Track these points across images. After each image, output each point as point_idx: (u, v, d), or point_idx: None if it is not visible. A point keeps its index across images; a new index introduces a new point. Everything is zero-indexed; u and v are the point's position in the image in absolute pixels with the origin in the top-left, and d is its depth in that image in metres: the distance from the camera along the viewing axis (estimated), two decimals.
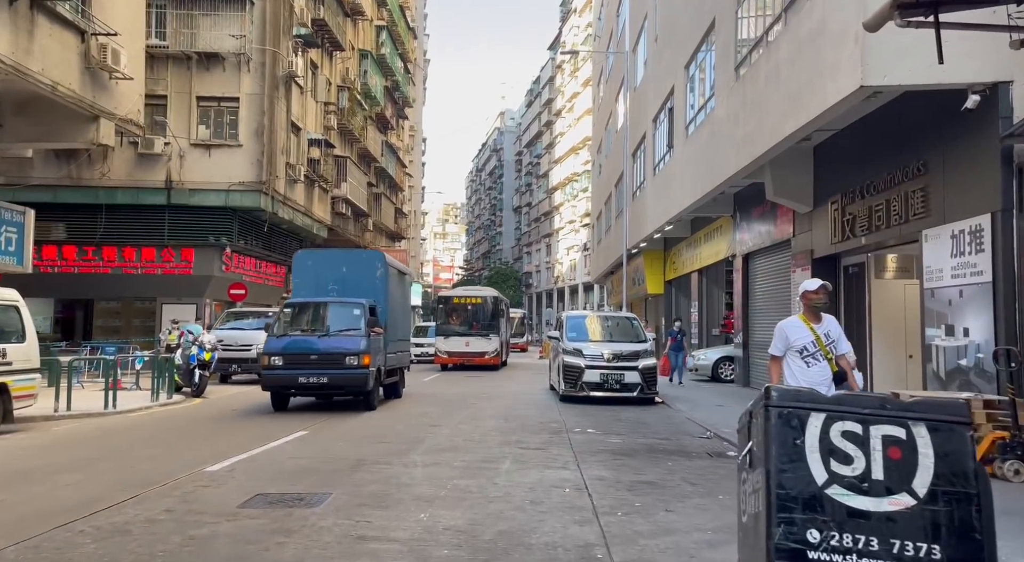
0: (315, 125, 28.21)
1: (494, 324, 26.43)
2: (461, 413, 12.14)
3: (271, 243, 26.94)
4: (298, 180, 25.81)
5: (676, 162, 19.22)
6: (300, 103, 26.54)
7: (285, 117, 24.90)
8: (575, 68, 72.53)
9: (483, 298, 27.54)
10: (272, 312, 19.46)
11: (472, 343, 25.59)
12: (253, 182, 22.75)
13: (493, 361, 25.55)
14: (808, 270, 13.46)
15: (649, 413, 12.84)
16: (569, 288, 71.74)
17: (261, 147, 22.94)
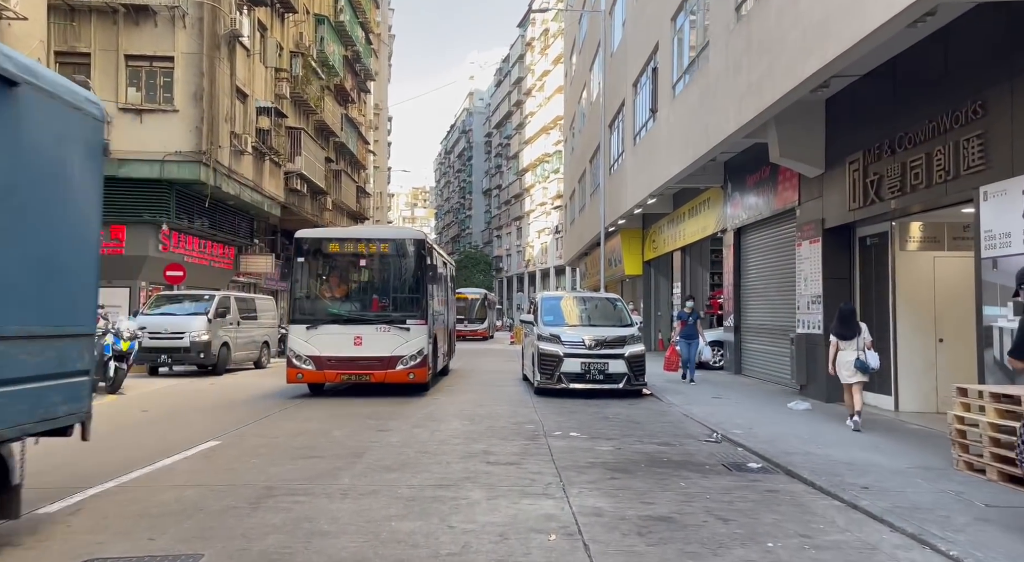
0: (265, 92, 25.79)
1: None
2: (417, 412, 10.20)
3: (217, 221, 24.55)
4: (245, 152, 23.43)
5: (660, 128, 17.38)
6: (247, 67, 24.11)
7: (229, 81, 22.49)
8: (545, 45, 70.44)
9: None
10: (210, 295, 17.21)
11: None
12: (191, 152, 20.37)
13: None
14: (818, 242, 11.75)
15: (639, 408, 11.06)
16: (540, 272, 70.02)
17: (200, 113, 20.55)
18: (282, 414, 9.84)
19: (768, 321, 14.59)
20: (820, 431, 8.76)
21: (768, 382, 14.28)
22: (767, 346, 14.65)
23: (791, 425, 9.25)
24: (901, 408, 10.41)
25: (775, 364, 14.19)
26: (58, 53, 19.97)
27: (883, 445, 7.80)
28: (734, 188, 16.01)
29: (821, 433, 8.61)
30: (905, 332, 10.37)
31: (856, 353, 8.89)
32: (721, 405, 11.24)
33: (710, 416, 10.07)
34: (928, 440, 8.11)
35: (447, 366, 15.84)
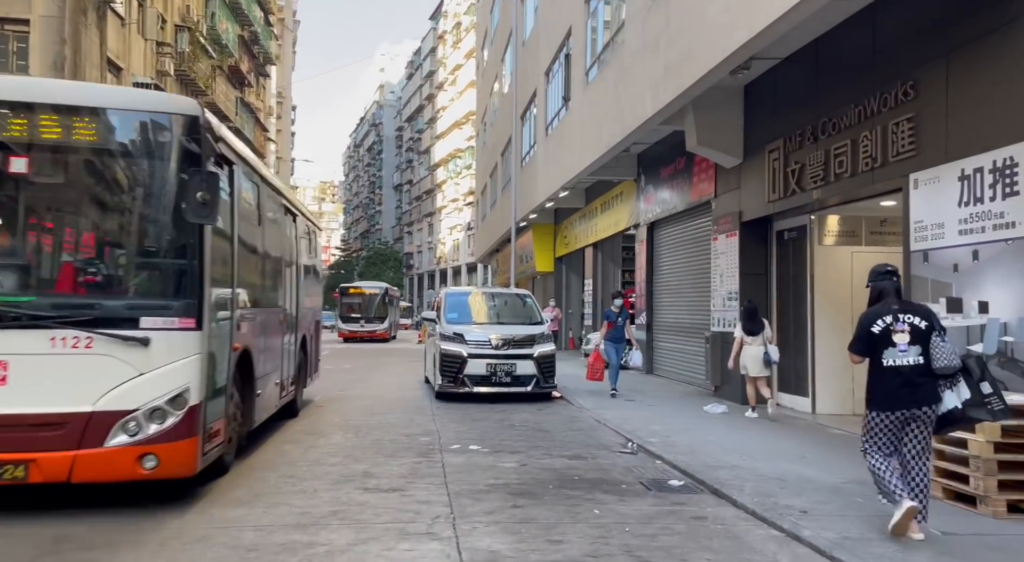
0: (144, 67, 23.39)
1: None
2: (295, 424, 8.86)
3: None
4: None
5: (573, 117, 16.59)
6: (121, 38, 21.72)
7: (98, 51, 19.98)
8: (458, 39, 69.28)
9: None
10: None
11: None
12: None
13: None
14: (735, 237, 11.18)
15: (548, 413, 10.12)
16: (452, 269, 68.80)
17: None
18: None
19: (682, 319, 14.03)
20: (742, 438, 8.06)
21: (681, 382, 13.71)
22: (681, 345, 14.08)
23: (710, 431, 8.53)
24: (818, 410, 9.93)
25: (689, 364, 13.63)
26: None
27: (811, 455, 7.14)
28: (648, 181, 15.40)
29: (743, 441, 7.91)
30: (823, 331, 9.89)
31: (762, 348, 9.41)
32: (635, 409, 10.46)
33: (624, 422, 9.24)
34: (853, 447, 7.51)
35: (295, 401, 9.30)
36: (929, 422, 4.53)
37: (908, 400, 4.47)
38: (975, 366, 4.48)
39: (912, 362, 4.49)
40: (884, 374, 4.56)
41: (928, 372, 4.48)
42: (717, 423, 9.19)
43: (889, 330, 4.56)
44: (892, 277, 4.76)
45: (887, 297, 4.69)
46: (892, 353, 4.54)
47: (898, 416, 4.52)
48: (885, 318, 4.60)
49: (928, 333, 4.52)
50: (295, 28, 73.89)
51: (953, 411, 4.47)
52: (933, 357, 4.46)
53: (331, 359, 21.06)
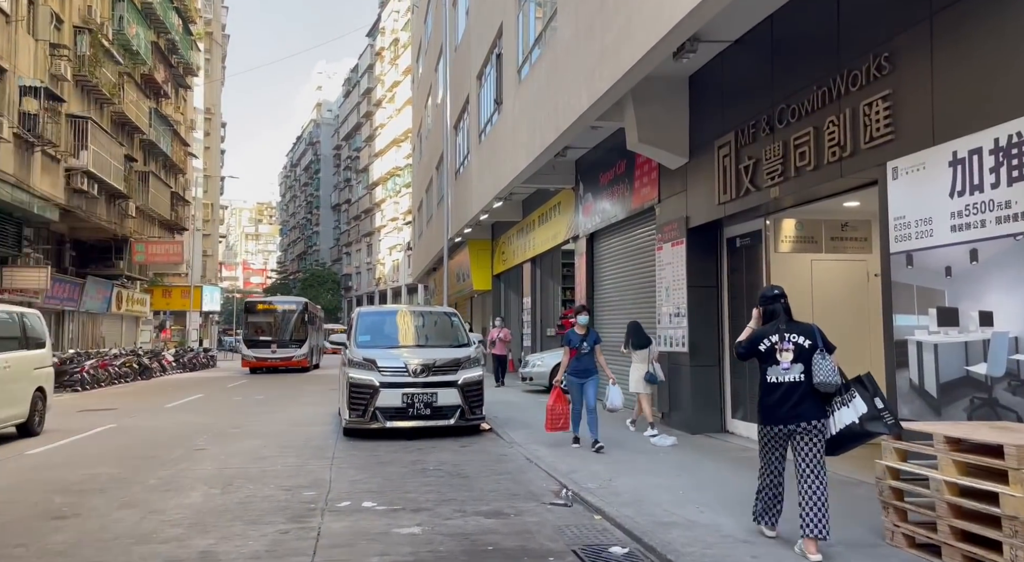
0: (33, 69, 21.14)
1: None
2: (157, 472, 7.14)
3: None
4: (1, 139, 18.77)
5: (506, 120, 15.34)
6: (5, 35, 19.51)
7: None
8: (395, 55, 68.11)
9: None
10: None
11: None
12: None
13: None
14: (681, 245, 10.00)
15: (472, 452, 8.63)
16: (392, 290, 66.79)
17: None
18: None
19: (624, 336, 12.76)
20: (696, 480, 6.75)
21: (626, 409, 12.40)
22: (625, 367, 12.81)
23: (658, 471, 7.20)
24: None
25: None
26: None
27: None
28: (586, 189, 14.21)
29: (698, 483, 6.60)
30: None
31: (646, 365, 9.60)
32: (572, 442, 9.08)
33: (560, 460, 7.85)
34: (836, 490, 6.30)
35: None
36: (815, 437, 4.60)
37: (788, 415, 4.63)
38: (868, 383, 4.61)
39: (794, 379, 4.66)
40: (767, 390, 4.76)
41: (810, 389, 4.61)
42: (666, 459, 7.89)
43: (774, 349, 4.73)
44: (780, 300, 4.91)
45: (777, 317, 4.85)
46: (776, 370, 4.72)
47: (779, 429, 4.70)
48: (771, 337, 4.76)
49: (811, 351, 4.65)
50: (224, 43, 71.35)
51: (852, 426, 4.56)
52: (813, 373, 4.58)
53: (242, 389, 19.08)
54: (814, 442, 4.59)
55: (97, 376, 21.80)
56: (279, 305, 28.25)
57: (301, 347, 26.55)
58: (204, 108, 62.49)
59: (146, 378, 25.81)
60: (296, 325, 27.05)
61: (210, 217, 67.31)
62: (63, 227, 27.06)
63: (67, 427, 10.99)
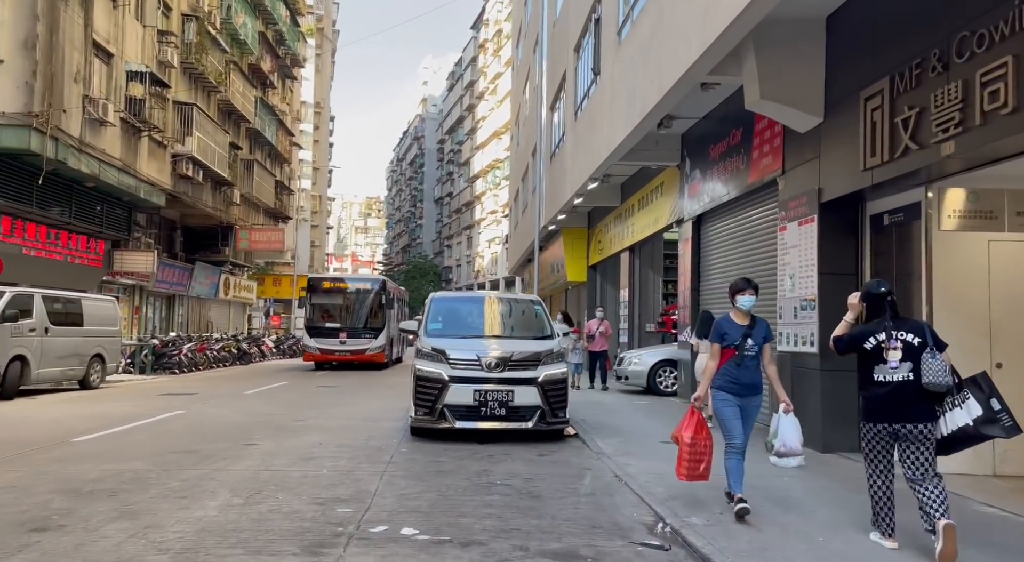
0: (141, 55, 21.54)
1: None
2: (187, 472, 6.27)
3: (79, 208, 20.13)
4: (107, 122, 19.14)
5: (603, 91, 13.86)
6: (112, 20, 19.88)
7: (81, 32, 18.24)
8: (498, 46, 67.58)
9: None
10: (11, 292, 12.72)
11: None
12: (19, 113, 16.07)
13: None
14: (811, 223, 8.24)
15: (550, 464, 7.31)
16: (490, 283, 66.41)
17: (33, 65, 16.29)
18: None
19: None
20: (837, 517, 5.15)
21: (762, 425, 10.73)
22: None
23: (788, 502, 5.63)
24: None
25: None
26: None
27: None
28: (693, 165, 12.54)
29: (837, 520, 5.01)
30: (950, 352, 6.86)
31: None
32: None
33: (657, 480, 6.40)
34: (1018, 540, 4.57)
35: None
36: (924, 441, 4.39)
37: (895, 415, 4.42)
38: (983, 383, 4.35)
39: (902, 378, 4.43)
40: (874, 388, 4.51)
41: (919, 390, 4.38)
42: (793, 486, 6.27)
43: (881, 347, 4.50)
44: (887, 298, 4.60)
45: (882, 315, 4.56)
46: (883, 369, 4.48)
47: (884, 428, 4.48)
48: (878, 335, 4.53)
49: (921, 350, 4.42)
50: (335, 38, 73.24)
51: (965, 428, 4.33)
52: (922, 372, 4.35)
53: (326, 377, 18.54)
54: (924, 447, 4.38)
55: (195, 359, 22.06)
56: (350, 284, 23.04)
57: (376, 337, 21.60)
58: (314, 102, 64.31)
59: (244, 363, 26.09)
60: (371, 310, 22.04)
61: (318, 208, 69.36)
62: (173, 214, 27.85)
63: (136, 412, 10.56)
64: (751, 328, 5.46)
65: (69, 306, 14.13)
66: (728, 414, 5.44)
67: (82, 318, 14.32)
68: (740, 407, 5.44)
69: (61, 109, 17.16)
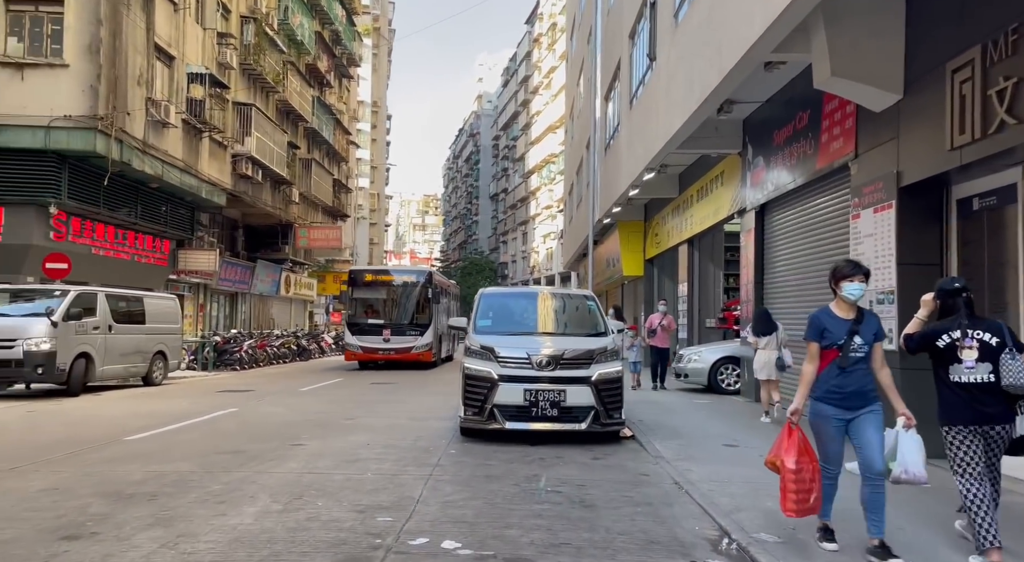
0: (201, 57, 21.97)
1: None
2: (232, 474, 6.14)
3: (145, 208, 20.69)
4: (168, 124, 19.59)
5: (659, 77, 13.30)
6: (173, 24, 20.32)
7: (144, 36, 18.68)
8: (552, 40, 66.93)
9: None
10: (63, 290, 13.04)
11: None
12: (84, 116, 16.53)
13: None
14: (889, 209, 7.59)
15: (605, 469, 6.91)
16: (546, 278, 65.99)
17: (97, 69, 16.73)
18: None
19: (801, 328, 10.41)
20: (927, 539, 4.60)
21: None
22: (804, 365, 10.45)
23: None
24: None
25: None
26: None
27: None
28: (756, 152, 11.88)
29: (932, 547, 4.46)
30: None
31: (774, 352, 9.40)
32: (739, 460, 7.10)
33: (721, 487, 5.94)
34: None
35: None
36: (1001, 443, 4.22)
37: (975, 417, 4.17)
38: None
39: (980, 379, 4.18)
40: (950, 390, 4.26)
41: (998, 391, 4.13)
42: None
43: (955, 346, 4.22)
44: (962, 294, 4.31)
45: (957, 312, 4.28)
46: (958, 369, 4.23)
47: (971, 429, 4.19)
48: (952, 333, 4.24)
49: (999, 350, 4.15)
50: (390, 37, 73.96)
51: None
52: (1002, 374, 4.10)
53: (380, 374, 18.42)
54: (999, 448, 4.25)
55: (255, 356, 22.43)
56: (394, 276, 21.92)
57: (423, 334, 20.13)
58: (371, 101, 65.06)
59: (304, 359, 26.45)
60: (417, 304, 20.71)
61: (376, 207, 70.26)
62: (235, 213, 28.46)
63: (191, 410, 10.63)
64: (858, 323, 4.49)
65: (131, 304, 14.43)
66: (825, 433, 4.53)
67: (144, 316, 14.61)
68: (848, 422, 4.46)
69: (125, 112, 17.60)
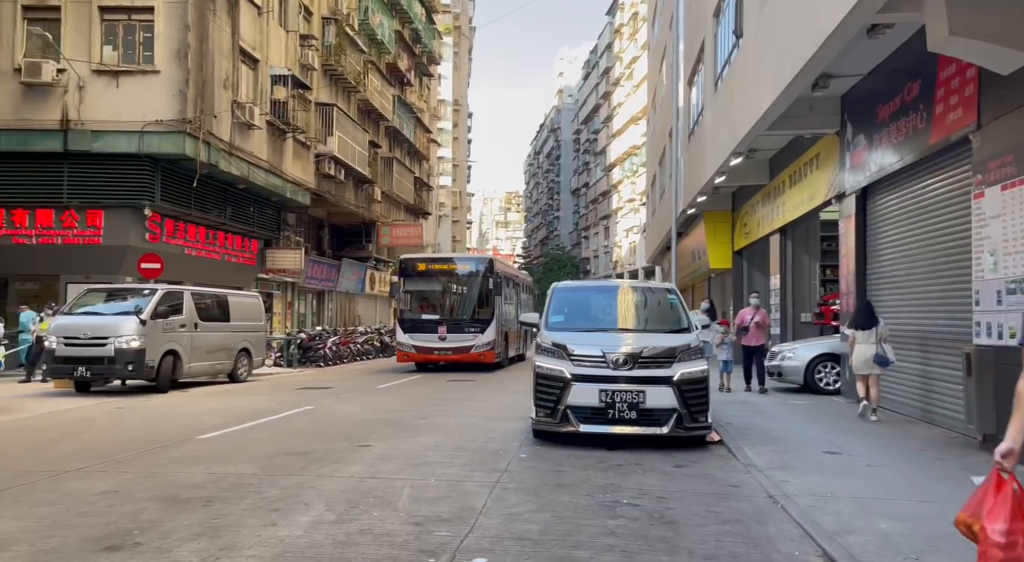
0: (284, 59, 22.45)
1: None
2: (290, 478, 5.93)
3: (233, 209, 21.35)
4: (253, 125, 20.09)
5: (746, 54, 12.40)
6: (257, 27, 20.82)
7: (229, 40, 19.20)
8: (634, 30, 65.43)
9: None
10: (151, 289, 13.45)
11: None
12: (174, 120, 17.11)
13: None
14: (1021, 185, 6.59)
15: (688, 478, 6.30)
16: (628, 273, 64.69)
17: (186, 74, 17.26)
18: None
19: (917, 327, 9.39)
20: None
21: (919, 422, 9.08)
22: (916, 364, 9.43)
23: None
24: None
25: (932, 393, 8.98)
26: (26, 7, 17.28)
27: None
28: (857, 130, 10.85)
29: None
30: None
31: (873, 347, 8.87)
32: (843, 470, 6.33)
33: (823, 502, 5.24)
34: None
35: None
36: None
37: None
38: None
39: None
40: None
41: None
42: None
43: None
44: None
45: None
46: None
47: None
48: None
49: None
50: (471, 35, 74.32)
51: None
52: None
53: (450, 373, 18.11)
54: None
55: (339, 353, 22.74)
56: (452, 264, 19.66)
57: (483, 331, 17.86)
58: (452, 100, 65.55)
59: (387, 356, 26.68)
60: (477, 296, 18.43)
61: (458, 204, 70.84)
62: (320, 212, 29.10)
63: (268, 407, 10.66)
64: None
65: (216, 302, 14.77)
66: None
67: (229, 314, 14.93)
68: None
69: (212, 114, 18.12)
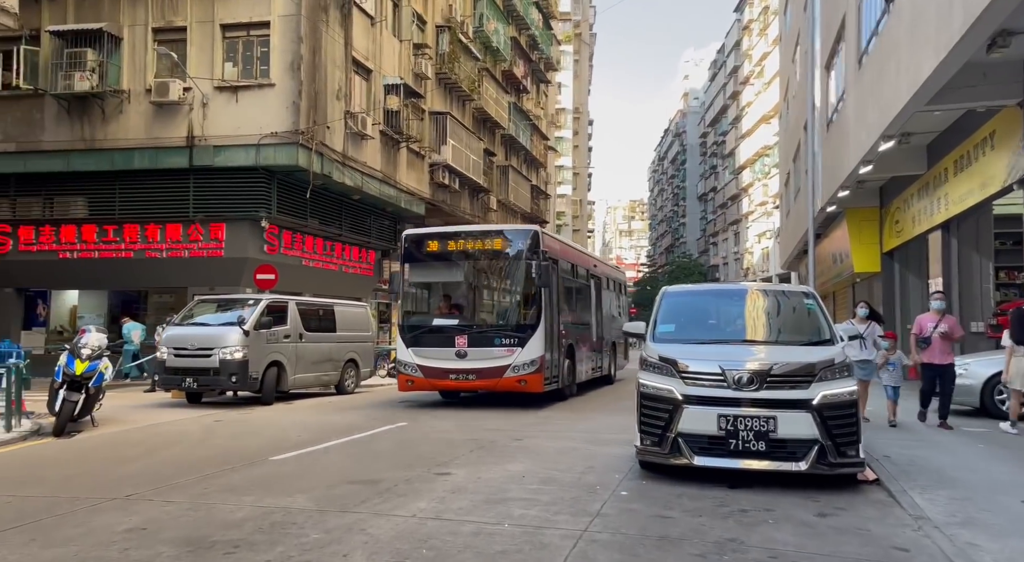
0: (397, 68, 22.45)
1: None
2: (344, 516, 5.13)
3: (350, 220, 21.56)
4: (366, 136, 20.16)
5: (899, 17, 10.57)
6: (369, 38, 20.91)
7: (342, 50, 19.34)
8: (764, 25, 61.94)
9: None
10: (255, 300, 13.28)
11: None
12: (288, 132, 17.34)
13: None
14: None
15: (835, 532, 4.91)
16: (761, 280, 60.90)
17: (299, 85, 17.47)
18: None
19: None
20: None
21: None
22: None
23: None
24: None
25: None
26: (156, 30, 18.19)
27: None
28: None
29: None
30: None
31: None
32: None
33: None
34: None
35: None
36: None
37: None
38: None
39: None
40: None
41: None
42: None
43: None
44: None
45: None
46: None
47: None
48: None
49: None
50: (592, 42, 73.38)
51: None
52: None
53: None
54: None
55: None
56: (475, 241, 12.30)
57: (523, 344, 11.50)
58: (572, 108, 64.78)
59: None
60: (517, 290, 12.11)
61: (579, 213, 69.84)
62: (436, 222, 29.12)
63: (359, 423, 10.08)
64: None
65: (323, 312, 14.59)
66: None
67: (335, 324, 14.71)
68: None
69: (325, 125, 18.26)
